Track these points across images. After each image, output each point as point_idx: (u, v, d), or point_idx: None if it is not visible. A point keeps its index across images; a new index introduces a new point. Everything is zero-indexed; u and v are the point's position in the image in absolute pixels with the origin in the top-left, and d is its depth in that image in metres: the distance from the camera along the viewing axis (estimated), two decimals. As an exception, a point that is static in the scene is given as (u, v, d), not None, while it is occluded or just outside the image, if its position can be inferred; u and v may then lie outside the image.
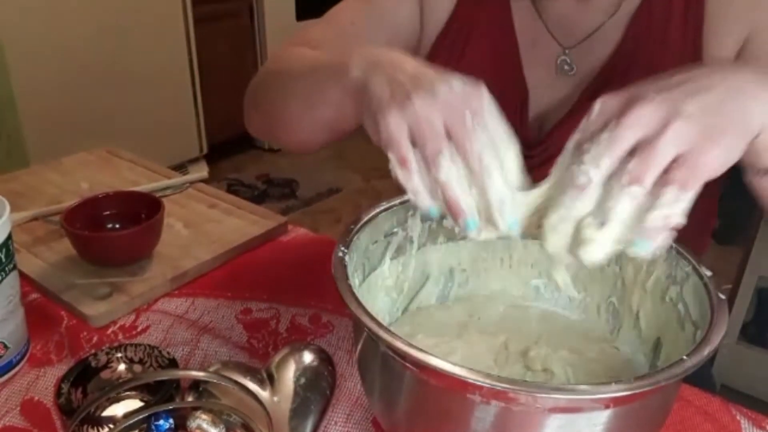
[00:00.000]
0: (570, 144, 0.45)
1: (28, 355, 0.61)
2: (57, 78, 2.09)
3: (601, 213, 0.42)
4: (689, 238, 0.56)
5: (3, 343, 0.58)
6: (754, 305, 1.57)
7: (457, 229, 0.60)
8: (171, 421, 0.48)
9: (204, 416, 0.47)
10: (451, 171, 0.44)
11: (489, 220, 0.45)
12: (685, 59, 0.63)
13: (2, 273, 0.56)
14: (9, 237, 0.57)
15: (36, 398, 0.57)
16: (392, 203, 0.57)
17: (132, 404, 0.53)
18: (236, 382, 0.48)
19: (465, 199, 0.45)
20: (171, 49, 2.45)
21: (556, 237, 0.44)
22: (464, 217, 0.44)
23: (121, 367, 0.56)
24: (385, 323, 0.42)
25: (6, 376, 0.59)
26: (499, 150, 0.45)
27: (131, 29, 2.27)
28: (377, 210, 0.56)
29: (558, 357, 0.56)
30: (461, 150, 0.44)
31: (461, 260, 0.62)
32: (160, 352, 0.56)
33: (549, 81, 0.69)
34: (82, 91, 2.16)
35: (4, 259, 0.56)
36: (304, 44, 0.69)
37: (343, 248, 0.50)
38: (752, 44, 0.62)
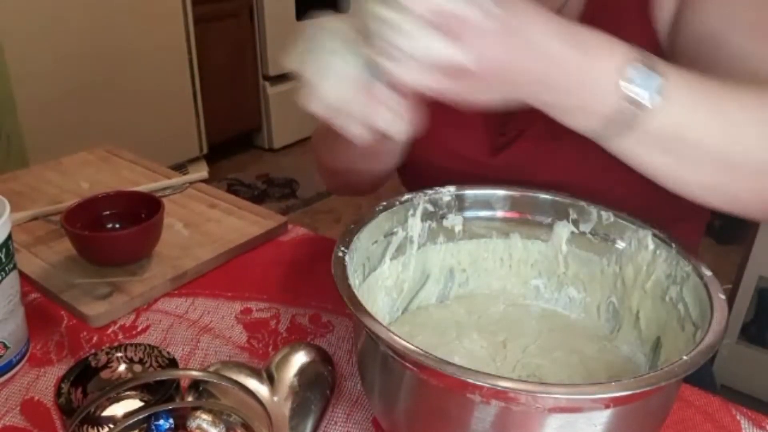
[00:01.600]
0: None
1: (28, 355, 0.61)
2: (56, 78, 2.09)
3: None
4: (683, 233, 0.55)
5: (3, 343, 0.58)
6: (754, 305, 1.57)
7: (457, 229, 0.61)
8: (171, 421, 0.48)
9: (204, 416, 0.47)
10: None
11: None
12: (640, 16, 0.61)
13: (2, 273, 0.56)
14: (9, 237, 0.57)
15: (36, 398, 0.57)
16: (392, 203, 0.57)
17: (132, 404, 0.53)
18: (236, 382, 0.48)
19: None
20: (171, 49, 2.45)
21: None
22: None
23: (121, 367, 0.55)
24: (385, 323, 0.42)
25: (6, 376, 0.59)
26: None
27: (131, 29, 2.27)
28: (377, 210, 0.56)
29: (557, 356, 0.56)
30: None
31: (461, 260, 0.62)
32: (160, 352, 0.56)
33: None
34: (82, 91, 2.16)
35: (4, 259, 0.56)
36: None
37: (343, 248, 0.50)
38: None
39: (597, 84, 0.44)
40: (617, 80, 0.43)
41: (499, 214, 0.60)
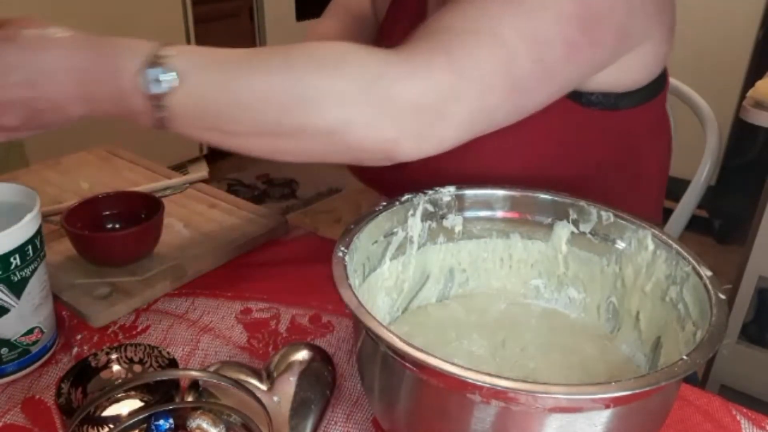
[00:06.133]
0: None
1: (57, 342, 0.63)
2: (57, 78, 2.09)
3: None
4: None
5: (39, 327, 0.59)
6: (754, 305, 1.57)
7: (457, 229, 0.61)
8: (171, 421, 0.48)
9: (204, 416, 0.47)
10: None
11: None
12: None
13: (37, 259, 0.57)
14: (41, 224, 0.58)
15: (37, 396, 0.57)
16: (392, 203, 0.57)
17: (132, 404, 0.53)
18: (236, 382, 0.48)
19: None
20: (171, 49, 2.46)
21: None
22: None
23: (121, 367, 0.56)
24: (385, 323, 0.42)
25: (41, 361, 0.60)
26: None
27: (131, 29, 2.26)
28: (377, 210, 0.56)
29: (556, 356, 0.56)
30: None
31: (461, 260, 0.62)
32: (160, 352, 0.56)
33: None
34: (82, 91, 2.16)
35: (39, 246, 0.57)
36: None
37: (343, 248, 0.50)
38: None
39: (122, 90, 0.51)
40: (136, 83, 0.50)
41: (499, 214, 0.60)
